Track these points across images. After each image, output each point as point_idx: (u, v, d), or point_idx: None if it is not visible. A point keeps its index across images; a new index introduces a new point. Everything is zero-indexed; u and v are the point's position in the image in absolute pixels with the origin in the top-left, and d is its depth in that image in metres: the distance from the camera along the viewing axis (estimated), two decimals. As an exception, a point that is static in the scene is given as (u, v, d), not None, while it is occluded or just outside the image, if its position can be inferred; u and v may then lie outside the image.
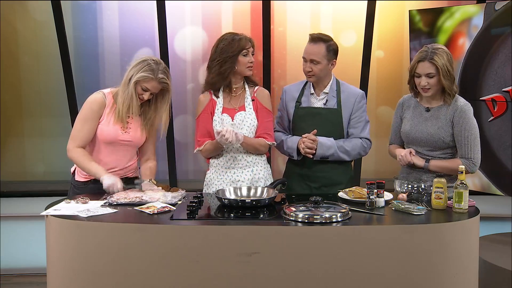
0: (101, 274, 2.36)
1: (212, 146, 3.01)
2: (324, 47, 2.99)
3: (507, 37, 3.46)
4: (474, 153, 2.84)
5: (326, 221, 2.37)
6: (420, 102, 2.99)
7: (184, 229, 2.38)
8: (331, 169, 3.07)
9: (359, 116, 3.07)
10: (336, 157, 3.02)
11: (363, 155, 3.15)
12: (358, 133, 3.07)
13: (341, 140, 3.06)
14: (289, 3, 4.48)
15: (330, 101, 3.06)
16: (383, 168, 4.66)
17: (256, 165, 3.06)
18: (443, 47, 2.87)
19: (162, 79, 2.82)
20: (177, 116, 4.42)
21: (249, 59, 3.02)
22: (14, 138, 4.67)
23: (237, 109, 3.05)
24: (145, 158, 3.06)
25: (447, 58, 2.81)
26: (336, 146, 3.01)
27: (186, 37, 4.53)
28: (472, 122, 2.85)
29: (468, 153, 2.84)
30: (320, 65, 2.99)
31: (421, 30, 3.92)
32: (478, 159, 2.86)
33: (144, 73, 2.79)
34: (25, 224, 4.26)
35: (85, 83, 4.49)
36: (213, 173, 3.10)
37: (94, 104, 2.87)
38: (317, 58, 2.98)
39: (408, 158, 2.89)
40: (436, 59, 2.79)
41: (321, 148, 2.99)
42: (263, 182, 3.06)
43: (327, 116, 3.05)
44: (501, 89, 3.52)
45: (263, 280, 2.32)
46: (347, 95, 3.07)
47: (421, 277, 2.34)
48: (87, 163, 2.84)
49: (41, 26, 4.47)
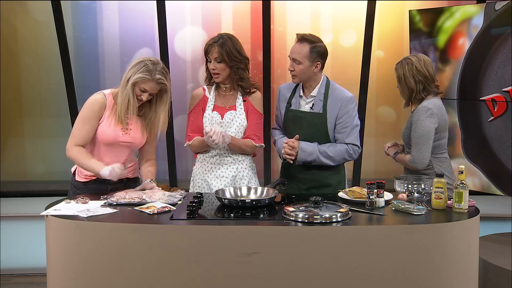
0: (101, 274, 2.36)
1: (199, 143, 3.06)
2: (307, 48, 2.93)
3: (507, 37, 3.46)
4: (417, 152, 3.06)
5: (326, 221, 2.37)
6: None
7: (184, 229, 2.38)
8: (318, 172, 3.05)
9: (345, 121, 2.99)
10: (319, 162, 2.99)
11: (349, 160, 3.07)
12: (343, 139, 3.00)
13: (326, 145, 3.00)
14: (289, 3, 4.48)
15: (317, 105, 3.02)
16: (383, 168, 4.66)
17: (241, 163, 3.10)
18: (411, 57, 3.15)
19: (159, 79, 2.80)
20: (177, 116, 4.42)
21: (210, 66, 3.03)
22: (14, 138, 4.67)
23: (227, 108, 3.08)
24: (146, 159, 3.06)
25: (408, 68, 3.11)
26: (318, 152, 2.97)
27: (186, 37, 4.53)
28: (422, 123, 3.05)
29: (413, 151, 3.09)
30: (301, 66, 2.94)
31: (421, 30, 3.92)
32: (420, 159, 3.05)
33: (141, 74, 2.78)
34: (25, 224, 4.26)
35: (85, 83, 4.49)
36: (199, 168, 3.14)
37: (95, 104, 2.87)
38: (299, 57, 2.93)
39: (385, 150, 3.29)
40: (397, 68, 3.19)
41: (302, 153, 2.97)
42: (247, 180, 3.09)
43: (312, 121, 3.02)
44: (501, 89, 3.52)
45: (263, 280, 2.32)
46: (334, 99, 3.00)
47: (421, 277, 2.34)
48: (85, 159, 2.82)
49: (41, 26, 4.47)
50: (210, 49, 2.99)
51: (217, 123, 3.05)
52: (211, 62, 3.01)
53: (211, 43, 3.00)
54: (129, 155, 2.96)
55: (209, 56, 3.00)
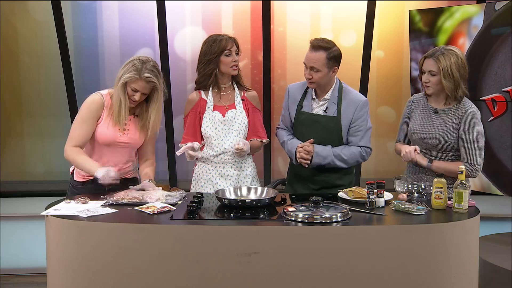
0: (101, 274, 2.36)
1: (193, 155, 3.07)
2: (324, 55, 2.89)
3: (507, 37, 3.46)
4: (477, 159, 2.84)
5: (326, 221, 2.37)
6: (429, 102, 2.99)
7: (184, 229, 2.38)
8: (331, 173, 3.05)
9: (359, 125, 2.99)
10: (333, 165, 2.99)
11: (361, 162, 3.10)
12: (357, 142, 3.00)
13: (340, 147, 3.00)
14: (289, 3, 4.48)
15: (330, 108, 3.00)
16: (383, 168, 4.66)
17: (245, 162, 3.14)
18: (456, 50, 2.85)
19: (148, 77, 2.77)
20: (177, 116, 4.42)
21: (232, 59, 3.05)
22: (14, 138, 4.66)
23: (227, 107, 3.11)
24: (144, 159, 3.06)
25: (454, 60, 2.80)
26: (333, 155, 2.97)
27: (186, 37, 4.52)
28: (478, 127, 2.85)
29: (471, 158, 2.83)
30: (320, 73, 2.92)
31: (421, 30, 3.92)
32: (481, 165, 2.85)
33: (129, 74, 2.78)
34: (25, 224, 4.26)
35: (85, 83, 4.49)
36: (201, 168, 3.15)
37: (93, 105, 2.87)
38: (317, 66, 2.90)
39: (412, 155, 2.88)
40: (440, 59, 2.80)
41: (317, 157, 2.97)
42: (250, 179, 3.14)
43: (326, 124, 3.00)
44: (501, 89, 3.52)
45: (263, 280, 2.32)
46: (348, 103, 2.99)
47: (421, 277, 2.34)
48: (82, 160, 2.82)
49: (41, 26, 4.47)
50: (230, 43, 3.05)
51: (220, 121, 3.07)
52: (229, 55, 3.04)
53: (228, 38, 3.06)
54: (128, 154, 2.96)
55: (230, 49, 3.03)
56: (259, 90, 4.45)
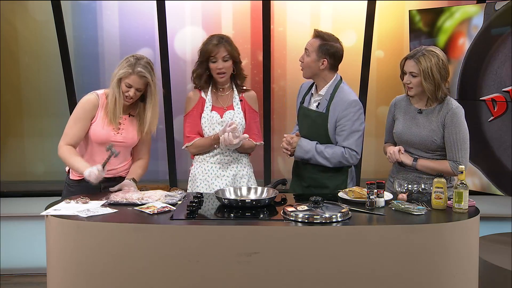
0: (101, 274, 2.36)
1: (203, 142, 3.08)
2: (318, 42, 2.94)
3: (507, 37, 3.46)
4: (462, 157, 2.85)
5: (326, 221, 2.37)
6: (412, 103, 2.99)
7: (184, 229, 2.38)
8: (318, 172, 3.03)
9: (343, 124, 2.95)
10: (315, 161, 2.98)
11: (345, 164, 2.98)
12: (341, 142, 2.96)
13: (324, 145, 2.99)
14: (289, 3, 4.48)
15: (322, 104, 3.01)
16: (383, 168, 4.65)
17: (241, 162, 3.15)
18: (437, 50, 2.86)
19: (140, 72, 2.81)
20: (177, 116, 4.42)
21: (217, 66, 3.01)
22: (14, 138, 4.67)
23: (225, 108, 3.11)
24: (137, 158, 3.07)
25: (435, 62, 2.80)
26: (315, 151, 2.96)
27: (186, 37, 4.53)
28: (463, 126, 2.86)
29: (456, 156, 2.85)
30: (309, 58, 2.96)
31: (421, 30, 3.92)
32: (466, 162, 2.87)
33: (123, 69, 2.83)
34: (25, 224, 4.26)
35: (85, 83, 4.49)
36: (198, 168, 3.15)
37: (87, 104, 2.90)
38: (309, 49, 2.96)
39: (397, 156, 2.91)
40: (421, 60, 2.81)
41: (299, 150, 3.00)
42: (247, 178, 3.14)
43: (315, 119, 3.02)
44: (501, 89, 3.52)
45: (263, 280, 2.32)
46: (338, 101, 2.97)
47: (421, 277, 2.34)
48: (72, 158, 2.84)
49: (41, 26, 4.47)
50: (216, 49, 2.99)
51: (218, 122, 3.07)
52: (215, 62, 3.00)
53: (215, 43, 3.00)
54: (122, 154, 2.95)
55: (215, 55, 2.99)
56: (259, 90, 4.45)
